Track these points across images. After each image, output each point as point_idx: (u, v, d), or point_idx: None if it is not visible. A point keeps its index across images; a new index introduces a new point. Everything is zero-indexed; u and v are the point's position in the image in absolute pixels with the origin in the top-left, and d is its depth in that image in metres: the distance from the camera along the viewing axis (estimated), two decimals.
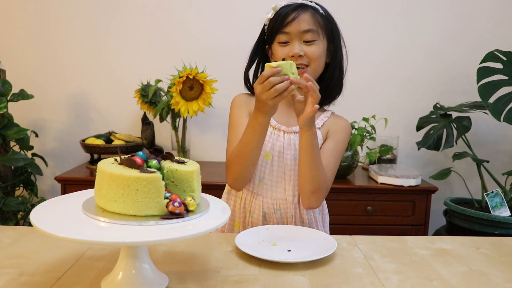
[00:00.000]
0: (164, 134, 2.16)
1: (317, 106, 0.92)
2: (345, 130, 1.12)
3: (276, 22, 1.03)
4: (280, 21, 1.02)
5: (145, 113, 2.00)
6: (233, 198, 1.15)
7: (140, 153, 0.73)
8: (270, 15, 1.06)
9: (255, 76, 1.15)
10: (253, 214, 1.10)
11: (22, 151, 1.87)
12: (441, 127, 1.94)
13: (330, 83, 1.08)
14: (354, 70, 2.19)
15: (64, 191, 1.79)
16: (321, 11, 1.05)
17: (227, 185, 1.18)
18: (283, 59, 0.99)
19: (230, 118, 1.13)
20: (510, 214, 1.75)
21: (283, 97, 0.90)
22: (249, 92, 1.15)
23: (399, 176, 1.79)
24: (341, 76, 1.10)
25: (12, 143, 1.88)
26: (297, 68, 0.97)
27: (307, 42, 1.02)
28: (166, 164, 0.74)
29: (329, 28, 1.05)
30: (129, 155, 0.72)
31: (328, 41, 1.06)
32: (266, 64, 0.91)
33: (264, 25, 1.09)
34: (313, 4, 1.05)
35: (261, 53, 1.12)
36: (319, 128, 1.11)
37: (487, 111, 1.85)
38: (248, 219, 1.11)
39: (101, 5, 2.08)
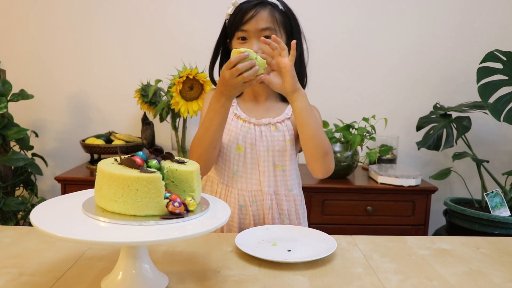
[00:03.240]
0: (164, 134, 2.16)
1: (293, 50, 0.94)
2: (315, 109, 1.13)
3: (235, 19, 1.05)
4: (239, 19, 1.03)
5: (145, 113, 2.00)
6: (208, 193, 1.14)
7: (140, 153, 0.73)
8: (230, 10, 1.08)
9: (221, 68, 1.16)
10: None
11: (22, 151, 1.87)
12: (441, 127, 1.94)
13: None
14: (354, 71, 2.21)
15: (64, 191, 1.79)
16: (280, 7, 1.07)
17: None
18: None
19: (201, 111, 1.15)
20: (510, 214, 1.75)
21: (251, 85, 0.95)
22: None
23: (399, 176, 1.79)
24: (302, 70, 1.12)
25: (12, 143, 1.88)
26: None
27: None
28: (166, 164, 0.74)
29: (287, 24, 1.07)
30: (129, 155, 0.72)
31: (287, 37, 1.08)
32: (234, 50, 0.92)
33: (225, 20, 1.11)
34: (273, 0, 1.06)
35: (223, 47, 1.14)
36: (288, 118, 1.12)
37: (487, 111, 1.85)
38: None
39: (101, 5, 2.08)
